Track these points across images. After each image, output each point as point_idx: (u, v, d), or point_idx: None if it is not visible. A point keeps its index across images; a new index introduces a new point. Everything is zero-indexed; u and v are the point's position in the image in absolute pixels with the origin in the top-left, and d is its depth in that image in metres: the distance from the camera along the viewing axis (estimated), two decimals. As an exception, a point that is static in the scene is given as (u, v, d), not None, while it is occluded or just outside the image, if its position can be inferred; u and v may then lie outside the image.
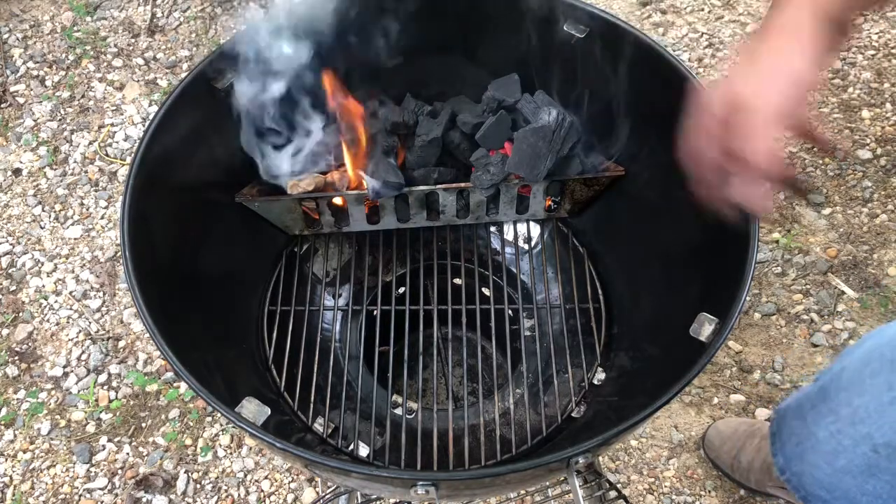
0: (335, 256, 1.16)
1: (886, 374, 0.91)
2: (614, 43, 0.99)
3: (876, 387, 0.92)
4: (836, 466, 0.98)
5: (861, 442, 0.94)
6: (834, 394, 0.99)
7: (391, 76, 1.09)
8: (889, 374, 0.91)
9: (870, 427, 0.92)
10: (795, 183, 0.70)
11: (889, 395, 0.90)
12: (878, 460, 0.92)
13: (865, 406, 0.93)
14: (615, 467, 1.47)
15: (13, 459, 1.50)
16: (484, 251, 1.18)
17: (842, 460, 0.97)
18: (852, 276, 1.68)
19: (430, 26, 1.07)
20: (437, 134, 1.04)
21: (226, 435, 1.51)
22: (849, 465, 0.96)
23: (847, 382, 0.98)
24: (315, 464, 0.72)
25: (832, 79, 2.02)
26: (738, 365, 1.58)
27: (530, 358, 1.11)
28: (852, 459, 0.96)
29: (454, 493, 0.82)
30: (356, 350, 1.11)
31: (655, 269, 1.05)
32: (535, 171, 1.00)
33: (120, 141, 1.96)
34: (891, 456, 0.90)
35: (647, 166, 1.04)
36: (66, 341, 1.63)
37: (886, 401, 0.90)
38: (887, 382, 0.90)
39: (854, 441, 0.95)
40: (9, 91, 2.04)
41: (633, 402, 0.91)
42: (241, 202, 1.04)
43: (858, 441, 0.94)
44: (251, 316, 1.09)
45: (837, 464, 0.98)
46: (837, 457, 0.98)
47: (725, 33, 2.14)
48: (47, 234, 1.79)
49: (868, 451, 0.93)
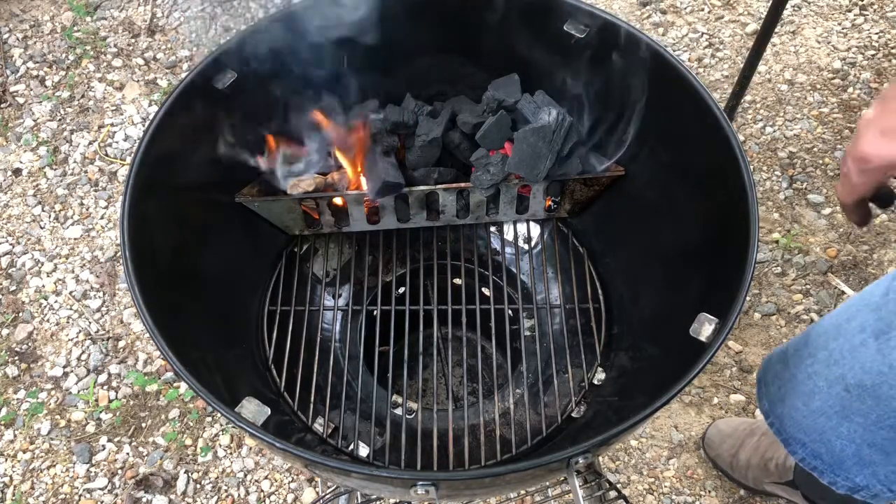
0: (335, 256, 1.16)
1: (860, 316, 0.92)
2: (614, 43, 0.99)
3: (850, 329, 0.94)
4: (811, 407, 1.00)
5: (835, 383, 0.95)
6: (815, 338, 1.01)
7: (391, 76, 1.09)
8: (863, 316, 0.92)
9: (843, 368, 0.94)
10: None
11: (860, 337, 0.91)
12: (850, 401, 0.93)
13: (840, 348, 0.95)
14: (615, 467, 1.47)
15: (13, 459, 1.50)
16: (484, 251, 1.18)
17: (817, 401, 0.98)
18: (852, 276, 1.68)
19: (430, 26, 1.07)
20: (437, 134, 1.04)
21: (226, 435, 1.51)
22: (823, 406, 0.98)
23: (827, 326, 1.00)
24: (315, 464, 0.72)
25: (832, 79, 2.02)
26: (738, 365, 1.58)
27: (530, 358, 1.11)
28: (826, 400, 0.97)
29: (454, 493, 0.82)
30: (356, 350, 1.11)
31: (655, 269, 1.05)
32: (535, 171, 1.00)
33: (120, 141, 1.96)
34: (861, 396, 0.92)
35: (647, 166, 1.04)
36: (66, 341, 1.63)
37: (858, 342, 0.91)
38: (860, 325, 0.92)
39: (828, 382, 0.96)
40: (9, 91, 2.05)
41: (633, 402, 0.91)
42: (241, 202, 1.04)
43: (832, 382, 0.96)
44: (251, 316, 1.09)
45: (813, 405, 0.99)
46: (813, 398, 0.99)
47: (725, 33, 2.14)
48: (47, 234, 1.79)
49: (841, 392, 0.94)
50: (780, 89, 2.01)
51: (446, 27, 1.09)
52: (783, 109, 1.97)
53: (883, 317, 0.89)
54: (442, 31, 1.09)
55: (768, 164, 1.87)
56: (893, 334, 0.87)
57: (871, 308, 0.91)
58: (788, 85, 2.02)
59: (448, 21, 1.08)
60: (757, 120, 1.95)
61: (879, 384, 0.89)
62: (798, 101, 1.98)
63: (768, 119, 1.95)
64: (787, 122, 1.94)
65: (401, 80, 1.10)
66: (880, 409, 0.90)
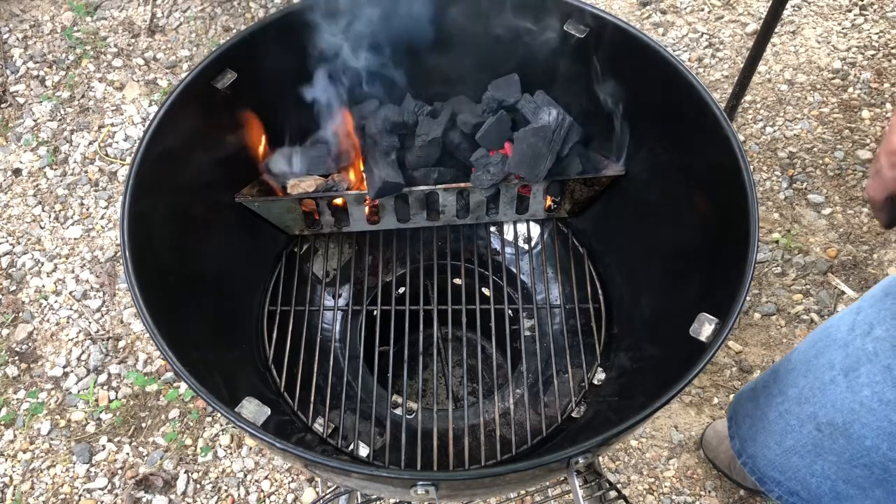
0: (335, 256, 1.16)
1: (829, 353, 0.92)
2: (614, 43, 0.99)
3: (820, 366, 0.94)
4: (784, 446, 1.00)
5: (806, 421, 0.95)
6: (783, 375, 1.01)
7: (391, 76, 1.09)
8: (831, 353, 0.92)
9: (814, 406, 0.94)
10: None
11: (830, 374, 0.91)
12: (822, 439, 0.93)
13: (810, 385, 0.95)
14: (615, 467, 1.47)
15: (13, 459, 1.50)
16: (484, 251, 1.18)
17: (790, 440, 0.98)
18: (852, 276, 1.68)
19: (430, 26, 1.07)
20: (437, 134, 1.04)
21: (226, 435, 1.51)
22: (796, 445, 0.98)
23: (795, 363, 1.00)
24: (315, 464, 0.72)
25: (832, 79, 2.02)
26: (738, 365, 1.58)
27: (530, 358, 1.11)
28: (799, 439, 0.97)
29: (454, 493, 0.82)
30: (356, 350, 1.11)
31: (655, 269, 1.05)
32: (535, 171, 1.00)
33: (120, 141, 1.96)
34: (833, 435, 0.91)
35: (647, 166, 1.04)
36: (66, 341, 1.63)
37: (828, 379, 0.91)
38: (829, 362, 0.92)
39: (800, 420, 0.96)
40: (9, 91, 2.04)
41: (633, 402, 0.91)
42: (241, 202, 1.04)
43: (804, 420, 0.95)
44: (251, 316, 1.09)
45: (786, 443, 0.99)
46: (785, 437, 0.99)
47: (725, 33, 2.14)
48: (47, 234, 1.79)
49: (813, 431, 0.94)
50: (780, 89, 2.01)
51: (446, 27, 1.09)
52: (783, 109, 1.97)
53: (850, 353, 0.89)
54: (442, 31, 1.09)
55: (768, 164, 1.87)
56: (862, 371, 0.87)
57: (838, 344, 0.91)
58: (788, 85, 2.02)
59: (448, 21, 1.08)
60: (757, 120, 1.95)
61: (851, 422, 0.89)
62: (798, 101, 1.98)
63: (768, 119, 1.95)
64: (787, 122, 1.94)
65: (401, 81, 1.10)
66: (853, 448, 0.90)
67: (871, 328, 0.87)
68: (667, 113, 0.99)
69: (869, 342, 0.86)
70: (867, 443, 0.88)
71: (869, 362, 0.86)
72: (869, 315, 0.88)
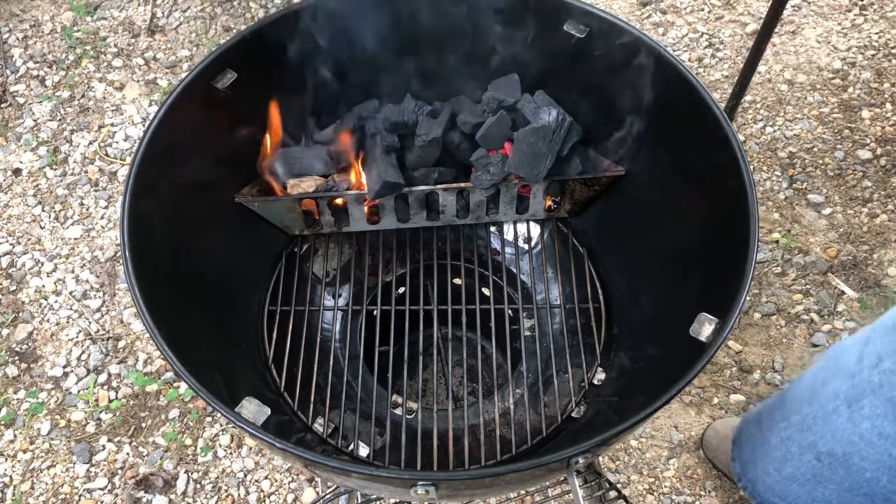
0: (335, 256, 1.16)
1: (835, 382, 0.92)
2: (614, 43, 0.99)
3: (825, 395, 0.93)
4: (783, 473, 0.99)
5: (807, 450, 0.94)
6: (789, 401, 1.00)
7: (391, 76, 1.09)
8: (837, 382, 0.91)
9: (815, 435, 0.93)
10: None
11: (833, 403, 0.90)
12: (821, 469, 0.93)
13: (813, 413, 0.94)
14: (615, 467, 1.47)
15: (13, 459, 1.50)
16: (484, 251, 1.18)
17: (789, 468, 0.98)
18: (852, 276, 1.68)
19: (429, 26, 1.07)
20: (437, 134, 1.04)
21: (226, 435, 1.51)
22: (795, 473, 0.97)
23: (801, 389, 0.99)
24: (315, 464, 0.72)
25: (832, 79, 2.02)
26: (738, 365, 1.57)
27: (530, 358, 1.11)
28: (798, 467, 0.96)
29: (454, 493, 0.82)
30: (356, 350, 1.11)
31: (655, 269, 1.05)
32: (535, 171, 1.00)
33: (120, 141, 1.96)
34: (832, 465, 0.91)
35: (647, 166, 1.04)
36: (66, 341, 1.63)
37: (831, 408, 0.91)
38: (834, 391, 0.91)
39: (801, 448, 0.96)
40: (9, 91, 2.04)
41: (633, 402, 0.91)
42: (241, 202, 1.04)
43: (804, 449, 0.95)
44: (251, 316, 1.09)
45: (785, 471, 0.99)
46: (785, 464, 0.98)
47: (725, 33, 2.14)
48: (47, 234, 1.79)
49: (812, 460, 0.94)
50: (780, 89, 2.01)
51: (446, 27, 1.09)
52: (783, 109, 1.97)
53: (856, 384, 0.88)
54: (442, 31, 1.09)
55: (768, 164, 1.87)
56: (865, 402, 0.86)
57: (845, 374, 0.91)
58: (788, 85, 2.02)
59: (448, 21, 1.08)
60: (757, 120, 1.95)
61: (850, 454, 0.88)
62: (798, 101, 1.98)
63: (768, 119, 1.95)
64: (787, 122, 1.94)
65: (401, 81, 1.10)
66: (852, 479, 0.90)
67: (880, 360, 0.86)
68: (667, 113, 0.99)
69: (875, 374, 0.86)
70: (867, 475, 0.87)
71: (873, 394, 0.86)
72: (878, 346, 0.88)
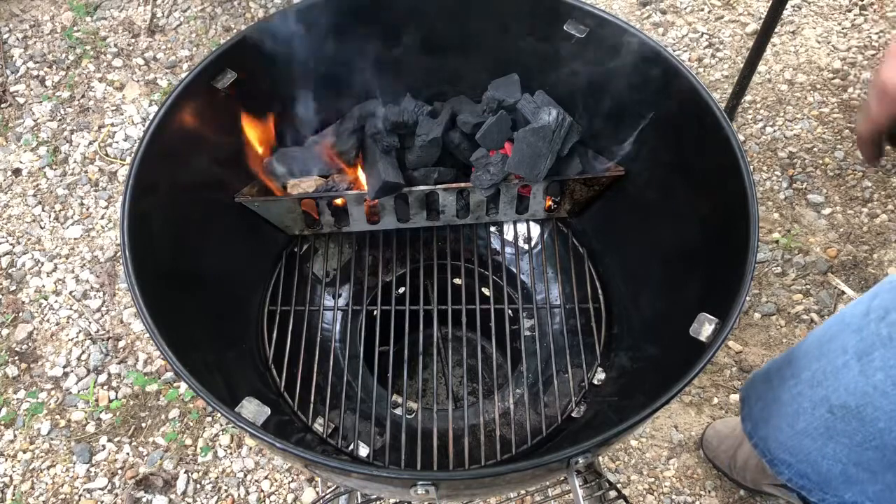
0: (335, 256, 1.16)
1: (843, 337, 0.92)
2: (614, 43, 0.99)
3: (833, 350, 0.94)
4: (796, 429, 1.00)
5: (819, 404, 0.95)
6: (797, 358, 1.01)
7: (391, 76, 1.09)
8: (844, 337, 0.92)
9: (826, 389, 0.94)
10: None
11: (843, 358, 0.91)
12: (834, 422, 0.94)
13: (823, 369, 0.95)
14: (615, 467, 1.47)
15: (13, 459, 1.50)
16: (484, 251, 1.18)
17: (802, 422, 0.99)
18: (852, 276, 1.68)
19: (429, 26, 1.07)
20: (437, 134, 1.04)
21: (226, 435, 1.51)
22: (808, 428, 0.98)
23: (809, 346, 1.00)
24: (315, 464, 0.72)
25: (832, 79, 2.02)
26: (738, 365, 1.58)
27: (530, 358, 1.11)
28: (811, 422, 0.97)
29: (454, 493, 0.82)
30: (356, 350, 1.11)
31: (655, 269, 1.05)
32: (535, 171, 1.00)
33: (120, 141, 1.96)
34: (846, 418, 0.92)
35: (647, 166, 1.04)
36: (66, 341, 1.63)
37: (841, 363, 0.92)
38: (842, 346, 0.92)
39: (812, 403, 0.96)
40: (9, 91, 2.05)
41: (633, 402, 0.91)
42: (241, 202, 1.04)
43: (817, 403, 0.96)
44: (251, 316, 1.09)
45: (798, 426, 0.99)
46: (798, 419, 0.99)
47: (725, 33, 2.14)
48: (47, 234, 1.79)
49: (825, 413, 0.94)
50: (780, 89, 2.01)
51: (446, 27, 1.09)
52: (783, 109, 1.97)
53: (864, 337, 0.89)
54: (442, 31, 1.09)
55: (768, 164, 1.87)
56: (875, 355, 0.87)
57: (852, 329, 0.92)
58: (788, 85, 2.02)
59: (448, 21, 1.08)
60: (757, 120, 1.95)
61: (863, 405, 0.89)
62: (798, 101, 1.98)
63: (768, 119, 1.95)
64: (787, 122, 1.94)
65: (401, 80, 1.10)
66: (865, 430, 0.90)
67: (887, 313, 0.87)
68: (667, 113, 0.99)
69: (883, 327, 0.86)
70: (880, 425, 0.88)
71: (883, 346, 0.86)
72: (885, 300, 0.88)
